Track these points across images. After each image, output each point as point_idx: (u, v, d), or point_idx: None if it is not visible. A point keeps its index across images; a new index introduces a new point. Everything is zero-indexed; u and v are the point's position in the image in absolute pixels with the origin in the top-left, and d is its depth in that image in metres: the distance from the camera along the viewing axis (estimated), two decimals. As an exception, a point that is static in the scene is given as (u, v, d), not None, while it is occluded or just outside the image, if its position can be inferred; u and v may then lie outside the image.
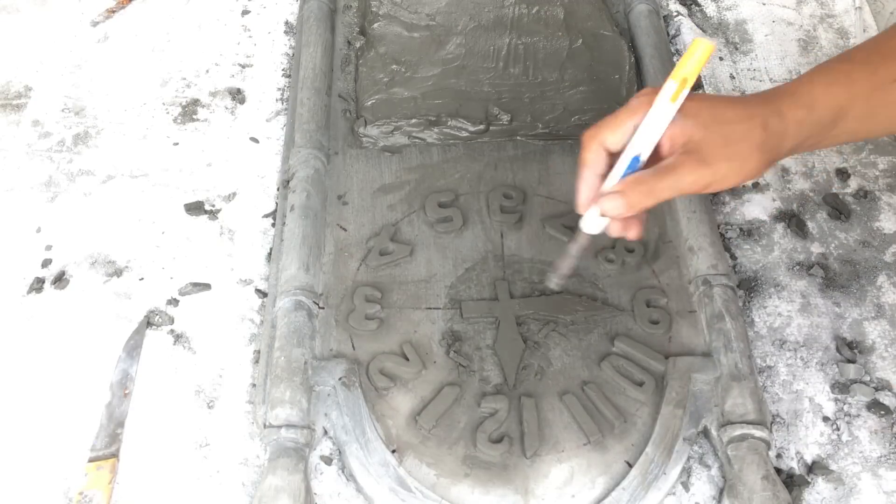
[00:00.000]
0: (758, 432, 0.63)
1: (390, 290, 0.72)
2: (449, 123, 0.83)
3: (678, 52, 0.94)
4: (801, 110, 0.58)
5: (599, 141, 0.58)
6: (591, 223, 0.59)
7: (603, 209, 0.57)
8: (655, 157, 0.58)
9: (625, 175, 0.57)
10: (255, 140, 0.86)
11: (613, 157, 0.59)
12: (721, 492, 0.63)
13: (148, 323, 0.72)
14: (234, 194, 0.81)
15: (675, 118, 0.56)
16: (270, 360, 0.67)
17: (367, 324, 0.70)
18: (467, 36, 0.90)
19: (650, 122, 0.57)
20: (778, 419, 0.67)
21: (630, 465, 0.63)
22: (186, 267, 0.76)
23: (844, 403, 0.68)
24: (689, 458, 0.64)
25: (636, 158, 0.57)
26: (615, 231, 0.60)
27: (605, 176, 0.58)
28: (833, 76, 0.60)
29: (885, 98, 0.60)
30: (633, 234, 0.60)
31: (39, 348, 0.71)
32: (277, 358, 0.66)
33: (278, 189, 0.81)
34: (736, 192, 0.81)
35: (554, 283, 0.64)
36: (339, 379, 0.66)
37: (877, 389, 0.68)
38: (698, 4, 0.99)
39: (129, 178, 0.83)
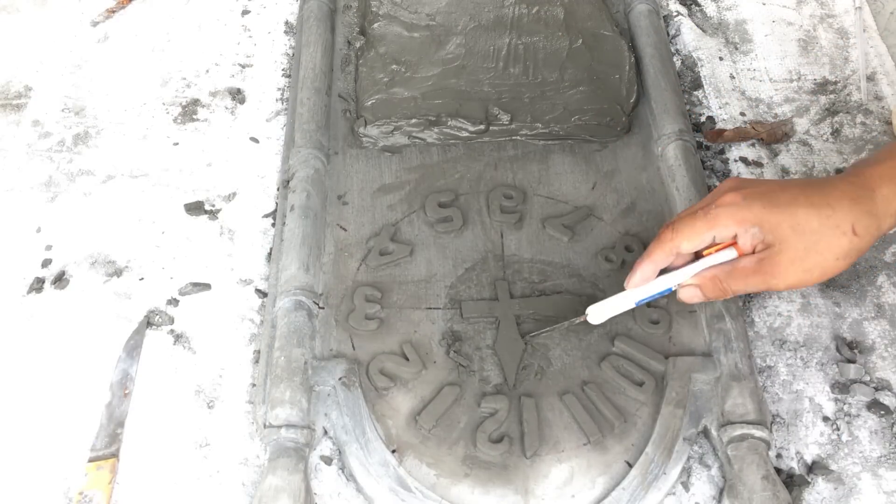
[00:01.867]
0: (758, 432, 0.63)
1: (390, 290, 0.72)
2: (449, 123, 0.83)
3: (678, 52, 0.94)
4: (888, 185, 0.57)
5: (674, 245, 0.61)
6: (600, 316, 0.67)
7: (681, 296, 0.64)
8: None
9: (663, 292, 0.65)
10: (255, 140, 0.86)
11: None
12: (721, 492, 0.63)
13: (148, 323, 0.72)
14: (234, 194, 0.81)
15: (754, 218, 0.59)
16: (270, 360, 0.67)
17: (367, 324, 0.70)
18: (467, 36, 0.90)
19: (721, 257, 0.62)
20: (778, 419, 0.67)
21: (630, 465, 0.63)
22: (186, 267, 0.76)
23: (844, 403, 0.68)
24: (689, 458, 0.64)
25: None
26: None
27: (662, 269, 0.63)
28: None
29: None
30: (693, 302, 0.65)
31: (39, 348, 0.71)
32: (277, 358, 0.66)
33: (278, 189, 0.81)
34: (736, 192, 0.81)
35: (535, 338, 0.69)
36: (339, 379, 0.66)
37: (877, 389, 0.68)
38: (698, 4, 0.99)
39: (129, 178, 0.83)
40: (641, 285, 0.64)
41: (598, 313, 0.67)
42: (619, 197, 0.79)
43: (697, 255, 0.63)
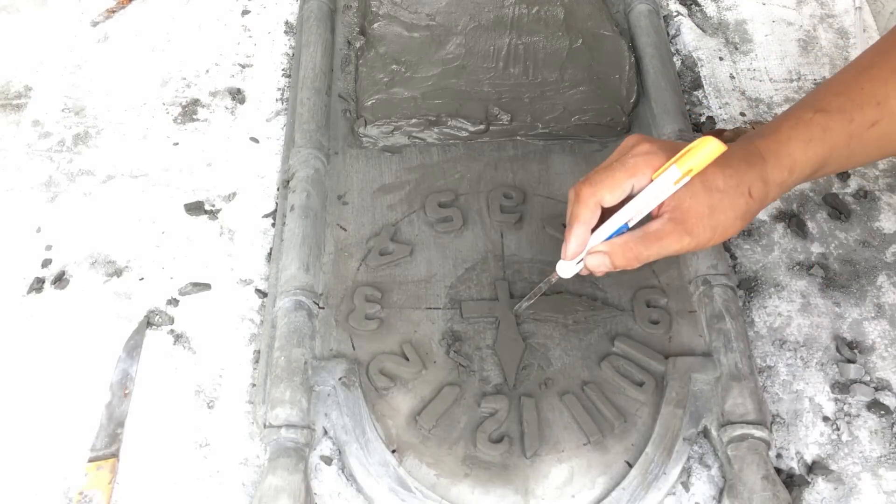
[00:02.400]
0: (758, 432, 0.63)
1: (390, 290, 0.72)
2: (449, 123, 0.83)
3: (678, 52, 0.94)
4: (783, 173, 0.60)
5: (597, 199, 0.59)
6: (569, 269, 0.63)
7: (589, 265, 0.61)
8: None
9: (611, 236, 0.60)
10: (255, 140, 0.86)
11: (605, 210, 0.60)
12: (721, 492, 0.63)
13: (148, 323, 0.72)
14: (234, 194, 0.81)
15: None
16: (270, 360, 0.67)
17: (367, 324, 0.70)
18: (467, 36, 0.90)
19: (646, 197, 0.59)
20: (778, 419, 0.67)
21: (630, 465, 0.63)
22: (186, 267, 0.76)
23: (844, 403, 0.68)
24: (689, 458, 0.64)
25: (625, 225, 0.60)
26: (584, 273, 0.63)
27: (594, 228, 0.60)
28: (810, 131, 0.60)
29: (861, 142, 0.61)
30: (600, 274, 0.62)
31: (39, 348, 0.71)
32: (277, 358, 0.66)
33: (278, 189, 0.81)
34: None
35: (523, 308, 0.69)
36: (339, 379, 0.66)
37: (877, 389, 0.68)
38: (698, 4, 0.99)
39: (129, 178, 0.83)
40: (580, 251, 0.61)
41: (565, 269, 0.63)
42: (619, 197, 0.79)
43: (605, 215, 0.61)
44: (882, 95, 0.60)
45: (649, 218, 0.60)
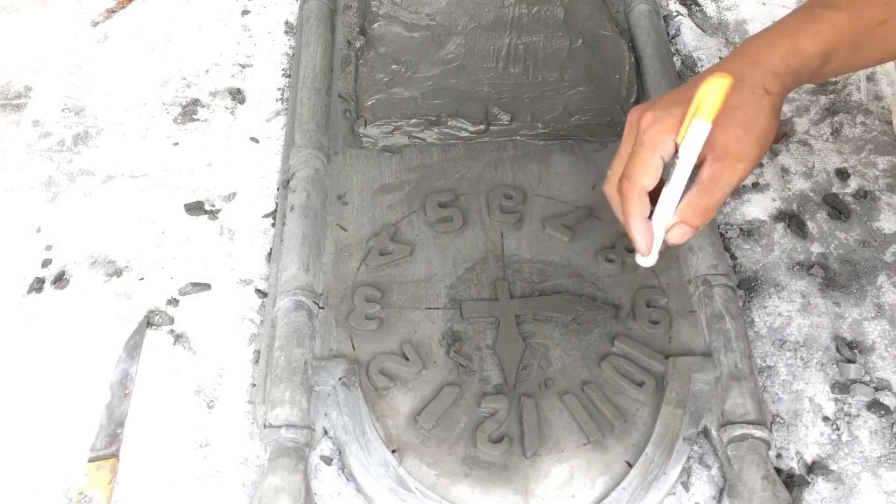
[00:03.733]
0: (758, 432, 0.63)
1: (390, 290, 0.72)
2: (449, 123, 0.83)
3: (678, 52, 0.94)
4: (792, 60, 0.60)
5: (638, 188, 0.59)
6: (649, 259, 0.61)
7: (671, 241, 0.60)
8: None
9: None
10: (255, 140, 0.86)
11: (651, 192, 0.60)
12: (721, 492, 0.63)
13: (148, 323, 0.72)
14: (234, 194, 0.81)
15: (682, 119, 0.57)
16: (270, 360, 0.67)
17: (367, 324, 0.70)
18: (467, 36, 0.90)
19: (685, 161, 0.58)
20: (778, 419, 0.67)
21: (630, 465, 0.63)
22: (186, 267, 0.76)
23: (844, 403, 0.68)
24: (689, 458, 0.64)
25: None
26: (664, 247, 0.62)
27: (650, 216, 0.60)
28: (818, 25, 0.60)
29: (868, 39, 0.61)
30: (683, 242, 0.62)
31: (39, 348, 0.71)
32: (277, 358, 0.66)
33: (278, 189, 0.81)
34: (736, 192, 0.81)
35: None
36: (339, 379, 0.66)
37: (877, 389, 0.68)
38: (698, 4, 0.99)
39: (129, 178, 0.83)
40: (651, 240, 0.60)
41: (646, 260, 0.62)
42: (619, 197, 0.79)
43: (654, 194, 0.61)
44: None
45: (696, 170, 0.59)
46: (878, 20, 0.61)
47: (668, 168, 0.58)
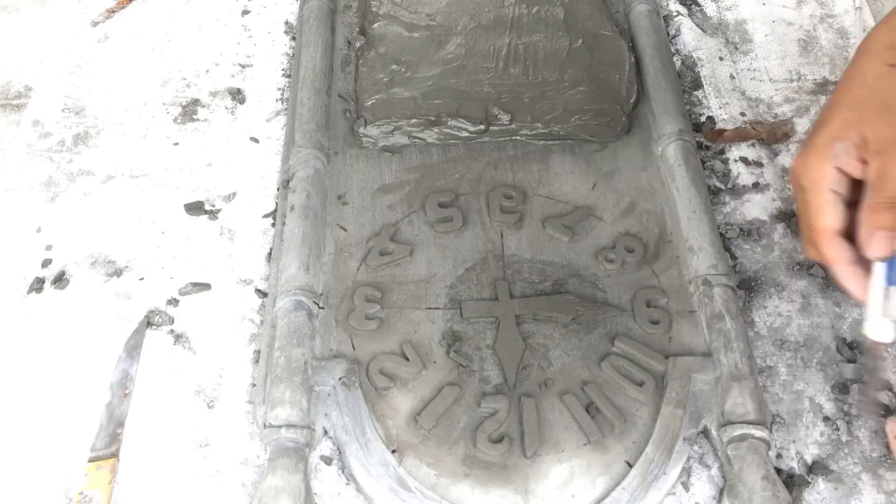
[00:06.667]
0: (758, 432, 0.63)
1: (390, 290, 0.72)
2: (449, 123, 0.83)
3: (678, 52, 0.94)
4: None
5: (825, 232, 0.56)
6: (881, 328, 0.56)
7: (873, 253, 0.55)
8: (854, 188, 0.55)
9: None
10: (255, 140, 0.86)
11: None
12: (721, 492, 0.63)
13: (148, 323, 0.72)
14: (234, 194, 0.81)
15: (843, 146, 0.55)
16: (270, 360, 0.67)
17: (367, 324, 0.70)
18: (467, 36, 0.90)
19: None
20: (778, 419, 0.67)
21: (630, 465, 0.63)
22: (186, 267, 0.76)
23: (844, 403, 0.68)
24: (689, 458, 0.64)
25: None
26: None
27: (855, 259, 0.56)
28: None
29: None
30: None
31: (39, 348, 0.71)
32: (277, 358, 0.66)
33: (278, 189, 0.81)
34: (736, 192, 0.81)
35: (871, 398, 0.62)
36: (339, 379, 0.66)
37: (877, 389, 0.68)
38: (698, 4, 0.99)
39: (129, 178, 0.83)
40: (864, 290, 0.55)
41: (879, 330, 0.56)
42: (619, 197, 0.79)
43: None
44: None
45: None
46: None
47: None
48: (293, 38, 0.94)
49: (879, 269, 0.54)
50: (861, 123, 0.54)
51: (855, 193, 0.56)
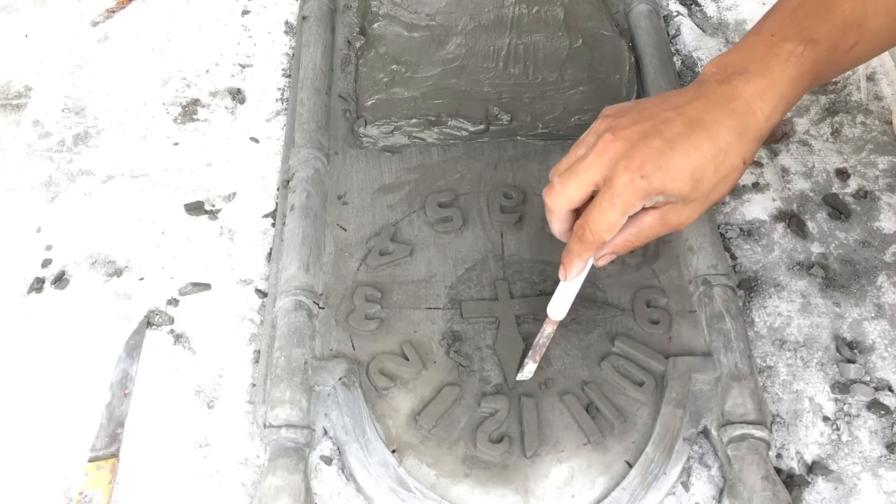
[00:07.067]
0: (758, 432, 0.63)
1: (390, 290, 0.72)
2: (449, 123, 0.83)
3: (678, 52, 0.94)
4: (772, 116, 0.58)
5: (598, 242, 0.60)
6: (559, 311, 0.65)
7: (600, 265, 0.63)
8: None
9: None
10: (255, 140, 0.86)
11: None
12: (721, 492, 0.63)
13: (148, 323, 0.72)
14: (234, 194, 0.81)
15: (657, 189, 0.58)
16: (270, 360, 0.67)
17: (367, 324, 0.70)
18: (467, 36, 0.90)
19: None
20: (778, 419, 0.67)
21: (630, 465, 0.63)
22: (186, 267, 0.76)
23: (844, 403, 0.68)
24: (689, 458, 0.64)
25: None
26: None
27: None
28: (802, 66, 0.58)
29: (838, 65, 0.62)
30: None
31: (39, 348, 0.71)
32: (277, 358, 0.66)
33: (278, 189, 0.81)
34: (736, 191, 0.81)
35: (526, 373, 0.66)
36: (339, 379, 0.66)
37: (877, 389, 0.68)
38: (698, 4, 0.99)
39: (129, 178, 0.83)
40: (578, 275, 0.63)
41: (556, 310, 0.65)
42: (619, 197, 0.79)
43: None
44: (861, 16, 0.59)
45: None
46: (850, 44, 0.60)
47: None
48: (293, 38, 0.94)
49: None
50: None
51: None
